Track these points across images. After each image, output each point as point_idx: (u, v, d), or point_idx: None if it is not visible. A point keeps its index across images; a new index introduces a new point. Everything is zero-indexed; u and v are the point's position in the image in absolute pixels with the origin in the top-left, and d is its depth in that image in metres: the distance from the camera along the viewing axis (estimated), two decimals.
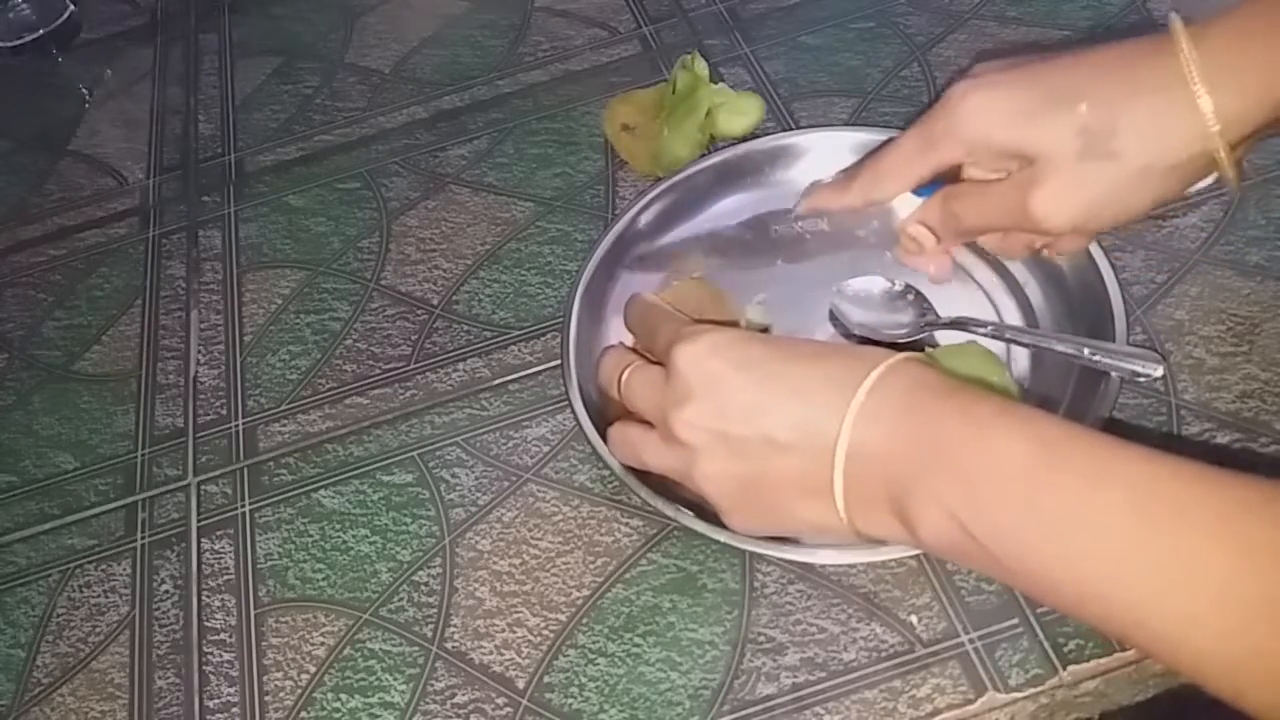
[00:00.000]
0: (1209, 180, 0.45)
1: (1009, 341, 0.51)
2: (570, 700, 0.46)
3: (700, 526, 0.47)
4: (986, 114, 0.43)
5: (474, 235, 0.65)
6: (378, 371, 0.60)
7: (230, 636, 0.51)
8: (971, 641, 0.44)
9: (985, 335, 0.51)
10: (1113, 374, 0.47)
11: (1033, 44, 0.67)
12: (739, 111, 0.65)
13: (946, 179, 0.48)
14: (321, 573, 0.52)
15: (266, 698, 0.49)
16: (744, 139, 0.63)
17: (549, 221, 0.65)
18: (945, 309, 0.53)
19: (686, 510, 0.47)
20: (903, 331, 0.52)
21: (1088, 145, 0.41)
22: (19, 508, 0.58)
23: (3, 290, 0.71)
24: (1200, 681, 0.30)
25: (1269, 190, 0.56)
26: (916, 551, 0.45)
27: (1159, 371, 0.46)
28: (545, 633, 0.48)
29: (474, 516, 0.53)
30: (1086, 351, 0.48)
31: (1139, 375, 0.46)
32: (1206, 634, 0.30)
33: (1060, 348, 0.49)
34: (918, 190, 0.49)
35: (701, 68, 0.64)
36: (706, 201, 0.61)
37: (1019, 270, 0.55)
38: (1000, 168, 0.46)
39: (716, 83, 0.66)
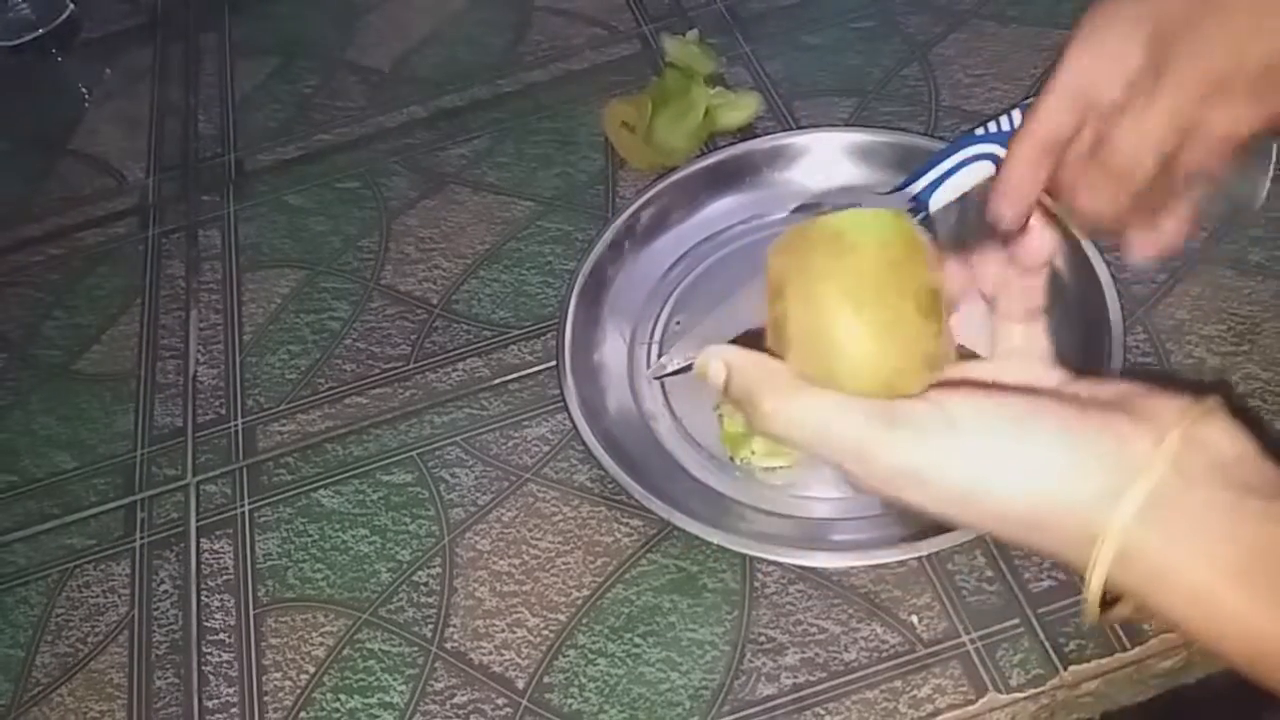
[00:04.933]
0: None
1: None
2: (570, 700, 0.46)
3: (699, 528, 0.47)
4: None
5: (474, 235, 0.65)
6: (377, 371, 0.60)
7: (229, 637, 0.51)
8: (972, 641, 0.44)
9: None
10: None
11: (1032, 44, 0.67)
12: (736, 107, 0.65)
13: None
14: (321, 573, 0.52)
15: (266, 698, 0.49)
16: (743, 134, 0.63)
17: (549, 221, 0.65)
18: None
19: (684, 511, 0.47)
20: None
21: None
22: (18, 507, 0.58)
23: (2, 290, 0.70)
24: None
25: (1269, 190, 0.56)
26: (918, 554, 0.45)
27: None
28: (545, 633, 0.48)
29: (473, 516, 0.52)
30: None
31: None
32: None
33: None
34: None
35: (695, 54, 0.64)
36: (704, 201, 0.61)
37: None
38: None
39: (715, 65, 0.66)
